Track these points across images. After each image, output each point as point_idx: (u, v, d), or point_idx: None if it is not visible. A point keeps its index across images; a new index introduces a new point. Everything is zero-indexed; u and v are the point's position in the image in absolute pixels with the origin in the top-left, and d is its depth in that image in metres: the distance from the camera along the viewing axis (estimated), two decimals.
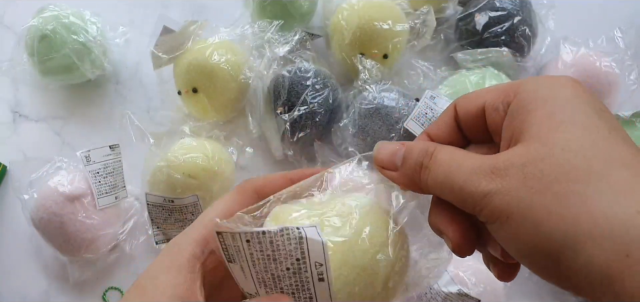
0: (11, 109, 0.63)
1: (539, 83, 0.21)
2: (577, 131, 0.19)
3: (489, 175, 0.20)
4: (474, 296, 0.44)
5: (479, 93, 0.24)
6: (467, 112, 0.25)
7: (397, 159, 0.25)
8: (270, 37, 0.56)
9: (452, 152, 0.23)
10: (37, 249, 0.55)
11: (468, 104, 0.24)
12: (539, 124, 0.20)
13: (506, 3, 0.57)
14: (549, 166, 0.18)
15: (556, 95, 0.20)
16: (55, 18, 0.56)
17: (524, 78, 0.23)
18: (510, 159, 0.20)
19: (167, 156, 0.50)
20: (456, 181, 0.21)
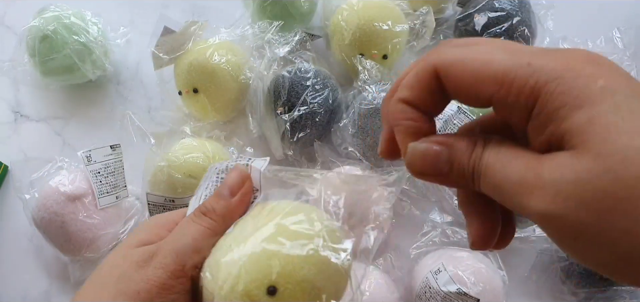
0: (12, 109, 0.63)
1: (563, 75, 0.18)
2: (630, 136, 0.17)
3: (540, 192, 0.18)
4: (473, 295, 0.44)
5: (476, 73, 0.20)
6: (460, 90, 0.21)
7: (441, 164, 0.22)
8: (270, 38, 0.56)
9: (498, 152, 0.20)
10: (38, 248, 0.55)
11: (461, 82, 0.21)
12: (583, 131, 0.17)
13: (505, 3, 0.57)
14: (610, 183, 0.16)
15: (590, 95, 0.18)
16: (56, 18, 0.56)
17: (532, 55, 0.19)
18: (560, 173, 0.18)
19: (168, 156, 0.50)
20: (507, 194, 0.19)
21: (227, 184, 0.27)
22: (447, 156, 0.22)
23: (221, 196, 0.27)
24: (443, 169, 0.22)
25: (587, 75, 0.18)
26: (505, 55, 0.20)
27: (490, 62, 0.20)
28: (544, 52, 0.19)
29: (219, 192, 0.28)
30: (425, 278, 0.47)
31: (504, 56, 0.20)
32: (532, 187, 0.18)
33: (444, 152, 0.22)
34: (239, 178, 0.28)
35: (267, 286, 0.22)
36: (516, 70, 0.19)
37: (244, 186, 0.28)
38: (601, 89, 0.17)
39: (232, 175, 0.28)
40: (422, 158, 0.22)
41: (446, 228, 0.51)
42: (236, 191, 0.27)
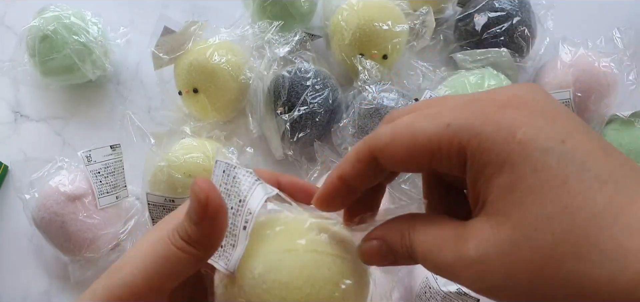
0: (12, 109, 0.63)
1: (483, 131, 0.18)
2: (546, 204, 0.17)
3: (470, 272, 0.19)
4: (473, 296, 0.44)
5: (407, 149, 0.20)
6: (400, 166, 0.21)
7: (386, 255, 0.23)
8: (270, 38, 0.56)
9: (424, 236, 0.21)
10: (38, 248, 0.55)
11: (397, 160, 0.21)
12: (502, 198, 0.18)
13: (505, 4, 0.57)
14: (528, 252, 0.17)
15: (509, 154, 0.18)
16: (56, 18, 0.56)
17: (452, 112, 0.20)
18: (484, 248, 0.18)
19: (168, 156, 0.50)
20: (445, 274, 0.20)
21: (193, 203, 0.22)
22: (386, 247, 0.22)
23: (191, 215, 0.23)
24: (390, 258, 0.23)
25: (506, 128, 0.18)
26: (425, 122, 0.20)
27: (415, 134, 0.20)
28: (465, 104, 0.20)
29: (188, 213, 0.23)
30: (425, 278, 0.47)
31: (424, 124, 0.20)
32: (461, 269, 0.19)
33: (383, 245, 0.23)
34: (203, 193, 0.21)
35: None
36: (439, 135, 0.19)
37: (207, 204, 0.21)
38: (519, 145, 0.18)
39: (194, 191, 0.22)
40: (369, 255, 0.23)
41: None
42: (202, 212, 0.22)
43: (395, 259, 0.23)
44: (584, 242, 0.16)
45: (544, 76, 0.57)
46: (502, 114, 0.18)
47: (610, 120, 0.54)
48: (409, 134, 0.20)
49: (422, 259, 0.21)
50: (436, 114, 0.20)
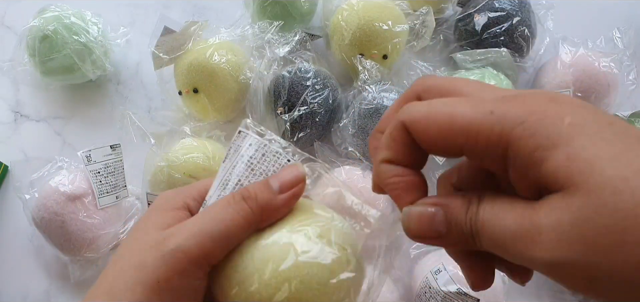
0: (12, 109, 0.63)
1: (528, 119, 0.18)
2: (613, 165, 0.16)
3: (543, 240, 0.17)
4: (472, 295, 0.44)
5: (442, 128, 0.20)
6: (431, 145, 0.21)
7: (439, 226, 0.21)
8: (270, 38, 0.56)
9: (493, 206, 0.19)
10: (38, 248, 0.55)
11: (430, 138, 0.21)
12: (566, 170, 0.17)
13: (505, 4, 0.57)
14: (609, 217, 0.16)
15: (560, 135, 0.17)
16: (57, 18, 0.56)
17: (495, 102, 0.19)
18: (557, 217, 0.17)
19: (168, 156, 0.50)
20: (509, 248, 0.18)
21: (279, 178, 0.25)
22: (443, 216, 0.21)
23: (268, 187, 0.25)
24: (441, 231, 0.21)
25: (552, 115, 0.18)
26: (467, 107, 0.20)
27: (453, 115, 0.20)
28: (507, 98, 0.19)
29: (268, 183, 0.25)
30: (425, 278, 0.47)
31: (465, 108, 0.20)
32: (533, 237, 0.17)
33: (439, 213, 0.21)
34: (294, 177, 0.25)
35: None
36: (480, 121, 0.19)
37: (296, 187, 0.25)
38: (569, 126, 0.17)
39: (287, 171, 0.26)
40: (418, 221, 0.22)
41: None
42: (286, 188, 0.25)
43: (446, 233, 0.21)
44: None
45: (544, 76, 0.57)
46: (548, 106, 0.18)
47: None
48: (448, 113, 0.20)
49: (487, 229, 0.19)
50: (478, 101, 0.20)
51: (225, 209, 0.24)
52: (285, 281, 0.23)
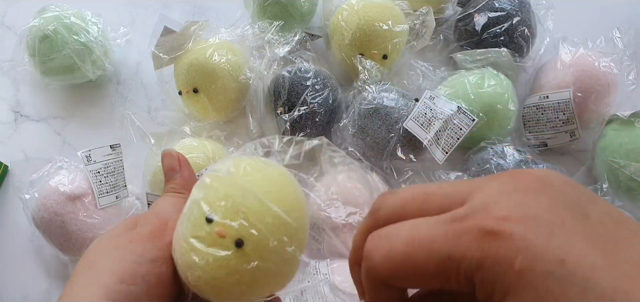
0: (12, 109, 0.63)
1: (484, 265, 0.18)
2: None
3: None
4: None
5: (419, 274, 0.20)
6: (406, 285, 0.21)
7: None
8: (270, 38, 0.56)
9: None
10: (38, 248, 0.55)
11: (409, 283, 0.21)
12: None
13: (505, 3, 0.57)
14: None
15: (511, 280, 0.18)
16: (57, 18, 0.56)
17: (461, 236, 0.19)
18: None
19: None
20: None
21: (167, 167, 0.33)
22: None
23: (170, 176, 0.33)
24: None
25: (504, 260, 0.18)
26: (423, 253, 0.20)
27: (417, 268, 0.20)
28: (459, 231, 0.19)
29: (167, 176, 0.33)
30: None
31: (423, 255, 0.20)
32: None
33: None
34: (173, 159, 0.33)
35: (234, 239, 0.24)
36: (444, 267, 0.19)
37: (180, 161, 0.33)
38: (518, 275, 0.17)
39: (166, 160, 0.33)
40: None
41: None
42: (178, 167, 0.33)
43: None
44: None
45: (544, 76, 0.57)
46: (498, 242, 0.18)
47: (610, 120, 0.54)
48: (412, 267, 0.20)
49: None
50: (433, 239, 0.19)
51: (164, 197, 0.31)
52: None
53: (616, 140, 0.52)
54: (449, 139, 0.50)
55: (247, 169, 0.27)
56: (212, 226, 0.25)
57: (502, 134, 0.54)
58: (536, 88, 0.57)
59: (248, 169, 0.27)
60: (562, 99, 0.53)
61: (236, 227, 0.24)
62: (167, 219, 0.29)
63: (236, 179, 0.26)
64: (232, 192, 0.25)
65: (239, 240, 0.24)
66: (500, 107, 0.52)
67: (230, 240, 0.24)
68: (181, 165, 0.33)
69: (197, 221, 0.25)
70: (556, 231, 0.17)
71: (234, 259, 0.24)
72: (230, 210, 0.25)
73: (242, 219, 0.24)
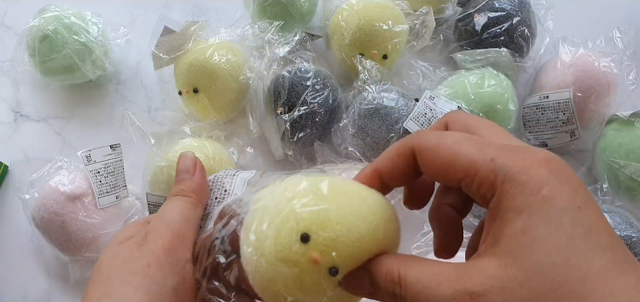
0: (12, 109, 0.63)
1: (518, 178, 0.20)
2: (551, 253, 0.19)
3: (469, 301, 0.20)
4: None
5: (446, 161, 0.22)
6: (433, 173, 0.23)
7: (367, 286, 0.23)
8: (270, 38, 0.56)
9: (420, 272, 0.21)
10: (38, 248, 0.55)
11: (433, 166, 0.23)
12: (514, 240, 0.20)
13: (505, 4, 0.57)
14: (527, 291, 0.19)
15: (531, 204, 0.20)
16: (57, 18, 0.56)
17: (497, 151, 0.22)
18: (488, 282, 0.20)
19: (168, 156, 0.50)
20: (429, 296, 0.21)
21: (182, 168, 0.34)
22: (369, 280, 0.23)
23: (182, 177, 0.33)
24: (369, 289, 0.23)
25: (536, 182, 0.20)
26: (471, 148, 0.22)
27: (458, 153, 0.22)
28: (509, 150, 0.22)
29: (179, 177, 0.33)
30: None
31: (470, 149, 0.22)
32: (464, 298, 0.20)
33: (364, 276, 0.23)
34: (189, 161, 0.34)
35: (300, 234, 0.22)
36: (480, 164, 0.21)
37: (196, 165, 0.34)
38: (542, 199, 0.20)
39: (182, 162, 0.34)
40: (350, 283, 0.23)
41: None
42: (192, 170, 0.33)
43: (374, 292, 0.23)
44: (576, 295, 0.18)
45: (544, 76, 0.57)
46: (538, 170, 0.20)
47: (610, 120, 0.54)
48: (453, 150, 0.22)
49: (416, 295, 0.21)
50: (484, 144, 0.22)
51: (173, 202, 0.31)
52: None
53: (616, 140, 0.52)
54: None
55: (346, 190, 0.24)
56: (307, 248, 0.22)
57: None
58: (536, 88, 0.57)
59: (348, 190, 0.24)
60: (562, 99, 0.53)
61: (333, 256, 0.22)
62: (180, 231, 0.29)
63: (336, 198, 0.23)
64: (332, 215, 0.23)
65: (334, 268, 0.22)
66: (500, 107, 0.52)
67: (325, 267, 0.22)
68: (196, 169, 0.33)
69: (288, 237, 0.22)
70: (579, 190, 0.21)
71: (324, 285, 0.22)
72: (327, 232, 0.22)
73: (341, 244, 0.22)
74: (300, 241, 0.22)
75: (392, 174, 0.25)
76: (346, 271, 0.23)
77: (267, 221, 0.23)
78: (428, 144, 0.23)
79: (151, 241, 0.28)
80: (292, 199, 0.23)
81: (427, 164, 0.23)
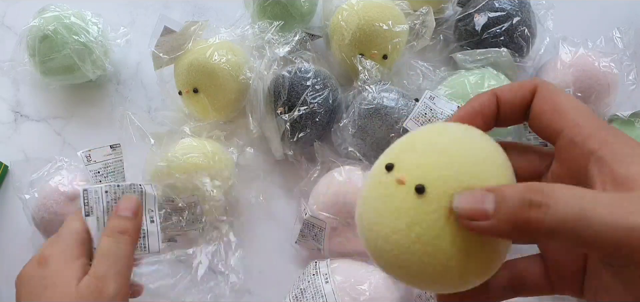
0: (12, 109, 0.63)
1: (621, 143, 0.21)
2: None
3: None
4: None
5: (562, 107, 0.23)
6: (543, 113, 0.23)
7: (486, 205, 0.20)
8: (270, 38, 0.56)
9: (572, 188, 0.19)
10: (38, 248, 0.55)
11: (547, 108, 0.23)
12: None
13: (505, 4, 0.57)
14: None
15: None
16: (57, 18, 0.56)
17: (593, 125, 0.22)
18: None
19: (168, 156, 0.50)
20: (595, 215, 0.18)
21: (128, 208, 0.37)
22: (493, 197, 0.20)
23: (128, 218, 0.37)
24: (487, 209, 0.20)
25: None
26: (589, 119, 0.22)
27: (579, 107, 0.22)
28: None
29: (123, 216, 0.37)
30: None
31: (588, 119, 0.22)
32: (631, 209, 0.18)
33: (489, 195, 0.20)
34: (136, 203, 0.38)
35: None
36: (590, 125, 0.21)
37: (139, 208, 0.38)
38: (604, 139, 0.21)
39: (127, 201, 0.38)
40: (464, 200, 0.21)
41: None
42: (137, 212, 0.38)
43: (492, 213, 0.20)
44: None
45: (544, 76, 0.57)
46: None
47: (610, 120, 0.54)
48: (573, 105, 0.23)
49: (569, 202, 0.18)
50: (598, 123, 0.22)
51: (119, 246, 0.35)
52: None
53: None
54: None
55: (434, 127, 0.24)
56: (391, 174, 0.22)
57: (502, 134, 0.54)
58: None
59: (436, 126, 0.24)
60: None
61: (418, 172, 0.21)
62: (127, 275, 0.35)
63: (425, 135, 0.23)
64: (418, 143, 0.23)
65: (420, 185, 0.21)
66: None
67: (410, 186, 0.21)
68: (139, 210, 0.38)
69: (376, 173, 0.23)
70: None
71: (414, 207, 0.21)
72: (412, 157, 0.22)
73: (426, 166, 0.21)
74: (386, 171, 0.22)
75: (512, 100, 0.24)
76: (440, 191, 0.21)
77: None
78: (552, 88, 0.24)
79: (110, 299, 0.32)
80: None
81: (541, 103, 0.23)
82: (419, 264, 0.21)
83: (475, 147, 0.23)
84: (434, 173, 0.21)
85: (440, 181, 0.21)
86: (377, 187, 0.23)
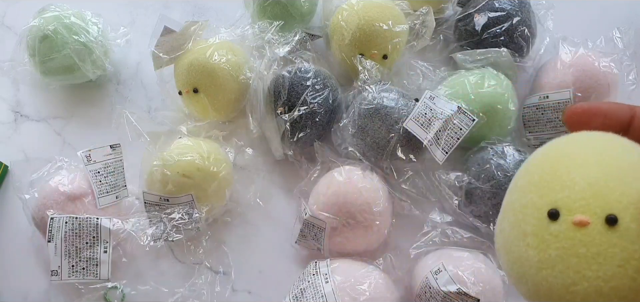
0: (12, 109, 0.63)
1: None
2: None
3: None
4: (473, 295, 0.44)
5: None
6: None
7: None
8: (270, 38, 0.56)
9: None
10: (38, 248, 0.55)
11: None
12: None
13: (505, 4, 0.57)
14: None
15: None
16: (57, 18, 0.56)
17: None
18: None
19: (163, 156, 0.51)
20: None
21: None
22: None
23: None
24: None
25: None
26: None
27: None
28: None
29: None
30: (425, 278, 0.47)
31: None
32: None
33: None
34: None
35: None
36: None
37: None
38: None
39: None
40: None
41: (446, 228, 0.51)
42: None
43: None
44: None
45: (544, 76, 0.57)
46: None
47: None
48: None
49: None
50: None
51: None
52: None
53: None
54: (449, 139, 0.50)
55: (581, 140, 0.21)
56: (561, 221, 0.18)
57: (502, 134, 0.54)
58: (536, 88, 0.57)
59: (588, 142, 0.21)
60: (562, 99, 0.53)
61: (601, 205, 0.18)
62: None
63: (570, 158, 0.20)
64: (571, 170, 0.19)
65: (611, 216, 0.18)
66: (500, 107, 0.52)
67: (599, 221, 0.18)
68: None
69: (535, 230, 0.19)
70: None
71: (616, 244, 0.18)
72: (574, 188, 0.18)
73: (603, 197, 0.18)
74: (549, 219, 0.19)
75: (614, 114, 0.23)
76: (629, 214, 0.18)
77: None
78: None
79: None
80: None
81: None
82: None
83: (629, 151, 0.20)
84: (611, 196, 0.18)
85: (624, 199, 0.18)
86: (551, 245, 0.18)
